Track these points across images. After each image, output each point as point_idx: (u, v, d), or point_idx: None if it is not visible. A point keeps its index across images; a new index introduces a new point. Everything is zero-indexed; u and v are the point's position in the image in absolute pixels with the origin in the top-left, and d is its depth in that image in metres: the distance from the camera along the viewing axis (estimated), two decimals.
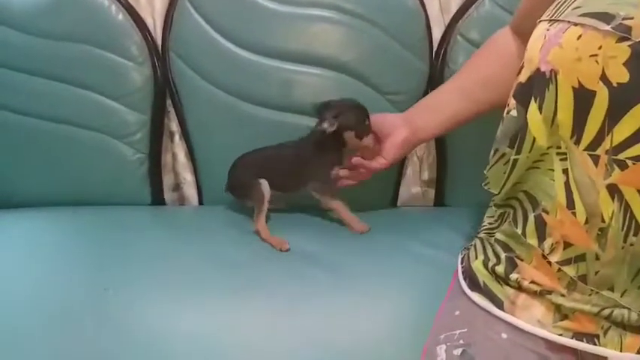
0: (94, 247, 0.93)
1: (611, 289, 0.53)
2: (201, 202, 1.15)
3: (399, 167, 1.12)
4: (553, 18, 0.53)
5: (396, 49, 1.03)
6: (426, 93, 1.05)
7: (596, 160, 0.50)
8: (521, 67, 0.57)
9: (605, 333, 0.53)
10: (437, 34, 1.06)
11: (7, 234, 0.96)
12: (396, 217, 1.06)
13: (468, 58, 0.96)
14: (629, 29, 0.45)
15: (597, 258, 0.52)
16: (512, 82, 0.59)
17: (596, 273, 0.52)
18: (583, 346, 0.54)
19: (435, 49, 1.06)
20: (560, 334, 0.55)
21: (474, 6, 1.02)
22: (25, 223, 1.00)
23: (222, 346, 0.76)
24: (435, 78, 1.04)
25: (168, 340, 0.76)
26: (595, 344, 0.54)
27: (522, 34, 0.78)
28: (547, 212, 0.55)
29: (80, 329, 0.76)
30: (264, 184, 0.94)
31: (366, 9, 1.02)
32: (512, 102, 0.58)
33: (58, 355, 0.74)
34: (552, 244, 0.55)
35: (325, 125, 0.89)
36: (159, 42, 1.07)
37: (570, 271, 0.54)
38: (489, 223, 0.71)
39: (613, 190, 0.49)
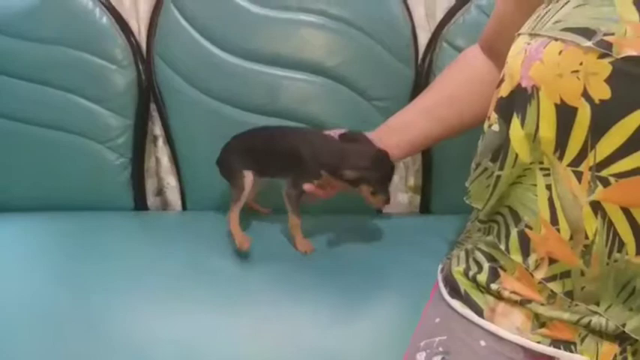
0: (76, 253, 0.92)
1: (597, 303, 0.52)
2: (184, 207, 1.15)
3: None
4: (534, 32, 0.52)
5: (382, 54, 1.03)
6: (411, 99, 1.05)
7: (579, 176, 0.49)
8: (501, 81, 0.56)
9: (582, 340, 0.54)
10: (423, 41, 1.06)
11: None
12: (382, 223, 1.05)
13: None
14: (610, 45, 0.45)
15: (582, 274, 0.52)
16: (479, 99, 0.59)
17: (582, 289, 0.52)
18: (560, 353, 0.54)
19: (420, 55, 1.06)
20: (539, 342, 0.55)
21: (459, 12, 1.02)
22: (6, 227, 0.99)
23: (206, 353, 0.75)
24: (421, 84, 1.04)
25: (151, 347, 0.75)
26: (572, 352, 0.54)
27: (491, 52, 0.78)
28: (531, 228, 0.54)
29: (62, 335, 0.75)
30: (248, 176, 0.90)
31: (352, 15, 1.02)
32: (493, 116, 0.58)
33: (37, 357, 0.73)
34: (537, 260, 0.54)
35: (347, 173, 0.82)
36: (143, 45, 1.06)
37: (557, 287, 0.54)
38: (473, 231, 0.71)
39: (596, 207, 0.49)
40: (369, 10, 1.03)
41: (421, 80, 1.05)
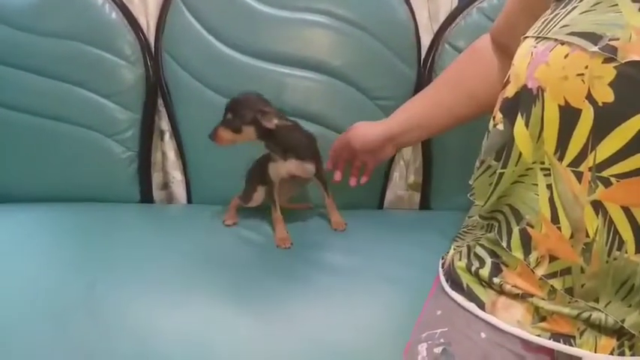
0: (83, 244, 0.93)
1: (597, 300, 0.54)
2: (189, 201, 1.16)
3: (385, 171, 1.14)
4: (540, 35, 0.54)
5: (385, 55, 1.05)
6: None
7: (579, 176, 0.51)
8: (507, 82, 0.58)
9: (581, 334, 0.55)
10: (425, 42, 1.08)
11: None
12: (382, 218, 1.08)
13: None
14: (615, 50, 0.46)
15: (582, 271, 0.53)
16: (491, 95, 0.60)
17: (582, 286, 0.54)
18: (559, 346, 0.55)
19: (423, 56, 1.08)
20: (539, 335, 0.56)
21: (461, 15, 1.05)
22: (14, 218, 1.00)
23: (210, 344, 0.76)
24: (423, 84, 1.06)
25: (155, 338, 0.76)
26: (571, 345, 0.55)
27: (501, 44, 0.80)
28: (532, 226, 0.56)
29: (68, 325, 0.76)
30: (260, 192, 0.97)
31: (357, 16, 1.04)
32: (498, 116, 0.59)
33: (45, 350, 0.74)
34: (538, 258, 0.56)
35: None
36: (151, 41, 1.08)
37: (557, 283, 0.55)
38: (472, 226, 0.73)
39: (597, 207, 0.50)
40: (374, 12, 1.05)
41: (423, 80, 1.07)
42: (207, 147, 1.07)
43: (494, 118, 0.60)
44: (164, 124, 1.14)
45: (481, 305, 0.60)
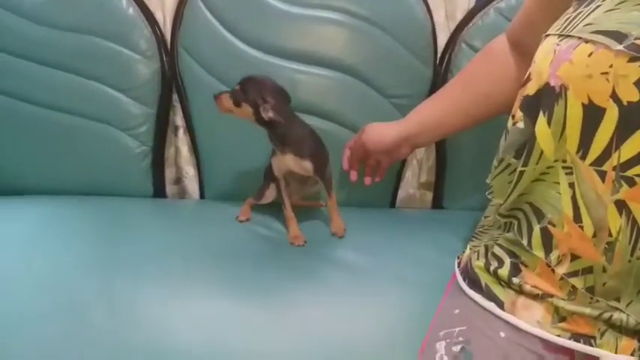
0: (98, 237, 0.93)
1: (618, 299, 0.54)
2: (202, 197, 1.17)
3: (398, 170, 1.14)
4: (563, 33, 0.53)
5: (401, 53, 1.05)
6: (428, 97, 1.07)
7: (602, 175, 0.51)
8: (527, 80, 0.58)
9: (601, 335, 0.55)
10: (442, 41, 1.08)
11: (11, 220, 0.96)
12: (394, 217, 1.08)
13: None
14: None
15: (604, 270, 0.53)
16: (507, 96, 0.60)
17: (604, 285, 0.54)
18: (580, 347, 0.55)
19: (439, 55, 1.08)
20: (558, 335, 0.56)
21: (478, 15, 1.04)
22: (29, 211, 1.00)
23: (224, 338, 0.76)
24: (438, 83, 1.06)
25: (171, 332, 0.76)
26: (592, 345, 0.55)
27: (518, 44, 0.80)
28: (554, 225, 0.56)
29: (88, 316, 0.76)
30: (271, 189, 0.97)
31: (374, 13, 1.04)
32: (518, 114, 0.59)
33: (66, 341, 0.74)
34: (559, 257, 0.56)
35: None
36: (168, 37, 1.08)
37: (578, 282, 0.55)
38: (489, 226, 0.73)
39: (621, 206, 0.50)
40: (391, 10, 1.05)
41: (438, 80, 1.07)
42: (221, 143, 1.10)
43: (513, 116, 0.60)
44: (178, 120, 1.14)
45: (500, 305, 0.61)
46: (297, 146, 0.90)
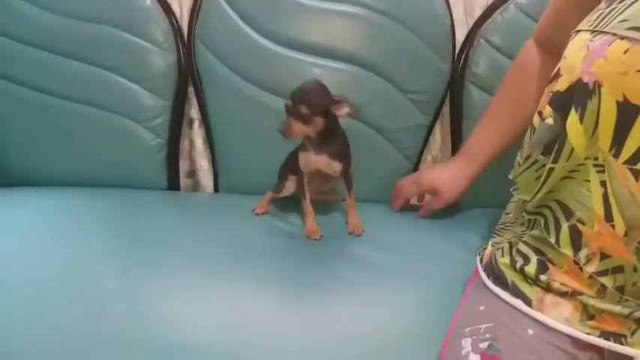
0: (113, 229, 0.92)
1: None
2: (216, 190, 1.16)
3: (414, 168, 1.14)
4: (597, 29, 0.53)
5: (419, 48, 1.04)
6: (445, 93, 1.07)
7: (636, 174, 0.50)
8: (557, 75, 0.57)
9: (632, 334, 0.55)
10: (460, 37, 1.07)
11: (25, 210, 0.96)
12: (411, 213, 1.07)
13: (489, 62, 0.99)
14: None
15: (635, 270, 0.53)
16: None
17: (634, 284, 0.53)
18: (610, 345, 0.55)
19: (457, 50, 1.07)
20: (588, 333, 0.56)
21: (498, 11, 1.04)
22: (45, 201, 1.00)
23: (239, 330, 0.75)
24: (456, 79, 1.06)
25: (188, 324, 0.75)
26: (622, 344, 0.55)
27: (547, 44, 0.79)
28: (583, 223, 0.55)
29: (104, 310, 0.76)
30: (291, 182, 0.97)
31: (392, 7, 1.03)
32: (547, 110, 0.58)
33: (83, 331, 0.73)
34: (588, 255, 0.55)
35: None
36: (184, 29, 1.08)
37: (608, 281, 0.54)
38: (511, 223, 0.72)
39: None
40: (410, 4, 1.04)
41: (456, 75, 1.07)
42: (236, 137, 1.09)
43: (540, 112, 0.59)
44: (194, 112, 1.14)
45: (527, 302, 0.60)
46: (333, 148, 0.89)
